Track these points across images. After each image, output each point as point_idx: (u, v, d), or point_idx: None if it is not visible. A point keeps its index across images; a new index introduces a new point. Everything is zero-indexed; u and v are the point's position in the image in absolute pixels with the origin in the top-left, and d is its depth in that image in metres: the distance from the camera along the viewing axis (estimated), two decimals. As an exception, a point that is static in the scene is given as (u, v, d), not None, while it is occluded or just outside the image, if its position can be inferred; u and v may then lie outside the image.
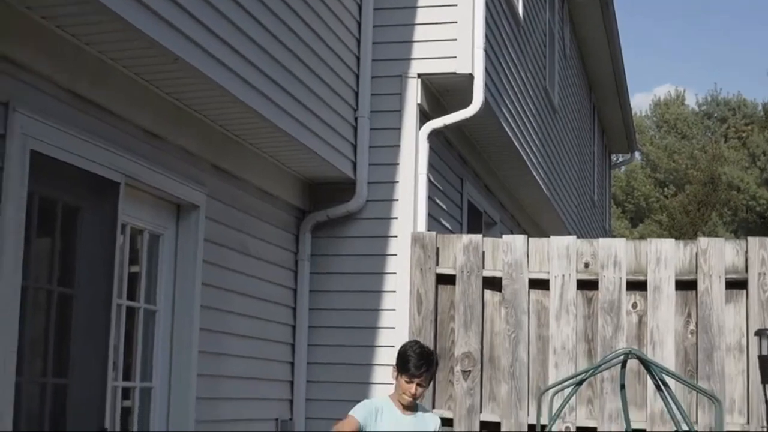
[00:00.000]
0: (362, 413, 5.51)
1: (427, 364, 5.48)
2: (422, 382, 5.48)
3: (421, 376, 5.46)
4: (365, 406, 5.60)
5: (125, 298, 5.95)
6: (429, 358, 5.51)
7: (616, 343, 6.69)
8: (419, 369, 5.45)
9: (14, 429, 4.68)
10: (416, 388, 5.47)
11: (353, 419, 5.48)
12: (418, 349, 5.54)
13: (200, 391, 6.44)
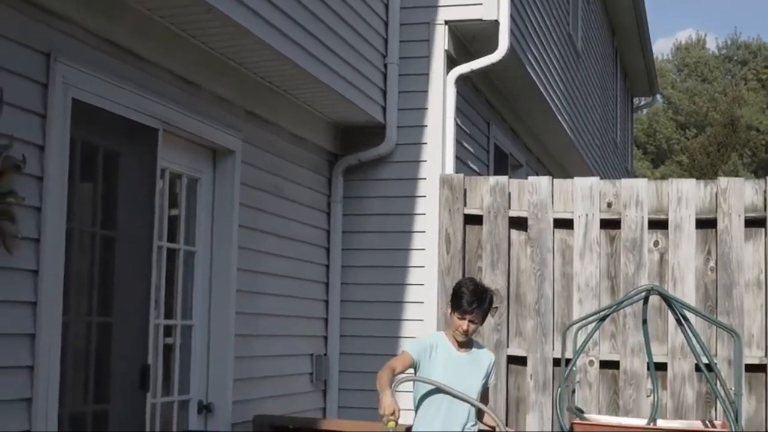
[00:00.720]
0: (416, 349, 5.49)
1: (479, 301, 5.40)
2: (474, 319, 5.42)
3: (473, 312, 5.39)
4: (419, 342, 5.58)
5: (165, 240, 5.98)
6: (482, 295, 5.43)
7: (638, 280, 6.67)
8: (471, 305, 5.37)
9: (62, 366, 4.73)
10: (468, 324, 5.41)
11: (407, 355, 5.47)
12: (472, 286, 5.47)
13: (238, 328, 6.48)
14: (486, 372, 5.57)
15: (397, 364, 5.42)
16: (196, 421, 6.23)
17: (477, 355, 5.59)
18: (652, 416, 5.77)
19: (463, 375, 5.46)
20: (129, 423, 5.49)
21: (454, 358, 5.49)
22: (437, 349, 5.48)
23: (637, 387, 6.64)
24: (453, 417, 5.41)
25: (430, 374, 5.43)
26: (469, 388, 5.44)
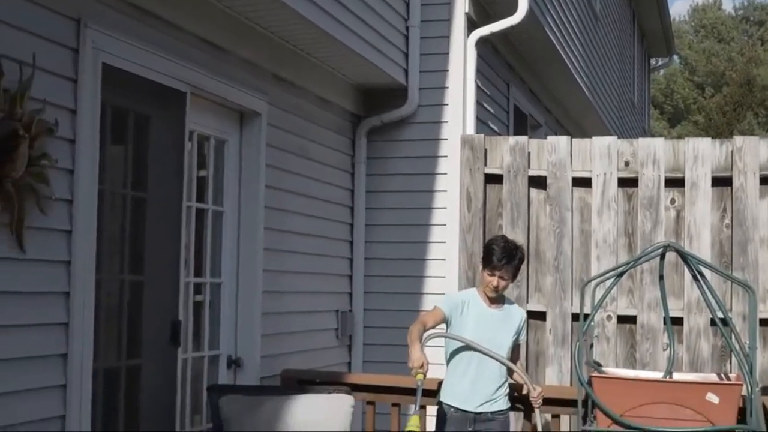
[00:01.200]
0: (448, 306, 5.50)
1: (509, 258, 5.40)
2: (504, 275, 5.42)
3: (503, 268, 5.39)
4: (451, 298, 5.59)
5: (194, 201, 5.99)
6: (511, 252, 5.44)
7: (655, 236, 6.65)
8: (500, 262, 5.37)
9: (96, 322, 4.76)
10: (498, 280, 5.41)
11: (439, 311, 5.48)
12: (503, 243, 5.48)
13: (266, 285, 6.50)
14: (517, 328, 5.58)
15: (428, 319, 5.43)
16: (225, 375, 6.27)
17: (508, 311, 5.59)
18: (668, 369, 5.77)
19: (494, 331, 5.47)
20: (161, 377, 5.53)
21: (486, 315, 5.49)
22: (469, 306, 5.49)
23: (654, 341, 6.64)
24: (484, 372, 5.42)
25: (462, 330, 5.44)
26: (500, 345, 5.45)
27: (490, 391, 5.43)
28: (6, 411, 4.19)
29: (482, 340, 5.40)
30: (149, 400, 5.41)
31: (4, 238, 4.15)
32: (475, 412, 5.40)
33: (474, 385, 5.42)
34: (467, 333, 5.43)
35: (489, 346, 5.41)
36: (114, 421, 5.13)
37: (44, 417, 4.43)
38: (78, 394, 4.59)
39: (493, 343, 5.43)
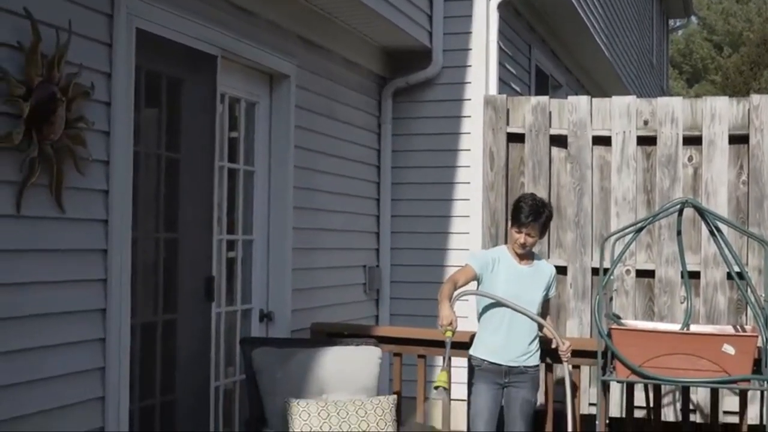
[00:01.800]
0: (478, 263, 5.46)
1: (536, 215, 5.36)
2: (531, 233, 5.39)
3: (530, 226, 5.36)
4: (482, 256, 5.56)
5: (226, 161, 5.99)
6: (539, 209, 5.40)
7: (673, 193, 6.62)
8: (528, 219, 5.34)
9: (132, 279, 4.78)
10: (525, 237, 5.39)
11: (469, 269, 5.45)
12: (531, 201, 5.44)
13: (296, 241, 6.51)
14: (547, 284, 5.56)
15: (459, 276, 5.41)
16: (258, 328, 6.30)
17: (538, 267, 5.56)
18: (685, 322, 5.75)
19: (524, 287, 5.45)
20: (196, 331, 5.57)
21: (516, 271, 5.47)
22: (499, 263, 5.46)
23: (672, 294, 6.62)
24: (516, 327, 5.41)
25: (493, 287, 5.41)
26: (530, 300, 5.44)
27: (523, 345, 5.43)
28: (50, 363, 4.23)
29: (513, 297, 5.38)
30: (185, 352, 5.45)
31: (44, 199, 4.16)
32: (508, 366, 5.40)
33: (507, 340, 5.41)
34: (498, 289, 5.41)
35: (519, 302, 5.38)
36: (151, 373, 5.17)
37: (85, 369, 4.47)
38: (116, 348, 4.62)
39: (523, 299, 5.41)
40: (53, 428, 4.25)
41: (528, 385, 5.45)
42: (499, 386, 5.41)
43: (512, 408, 5.43)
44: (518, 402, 5.42)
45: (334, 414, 5.29)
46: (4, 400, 3.99)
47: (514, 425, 5.43)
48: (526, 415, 5.45)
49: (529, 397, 5.46)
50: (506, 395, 5.43)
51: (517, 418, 5.42)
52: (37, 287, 4.16)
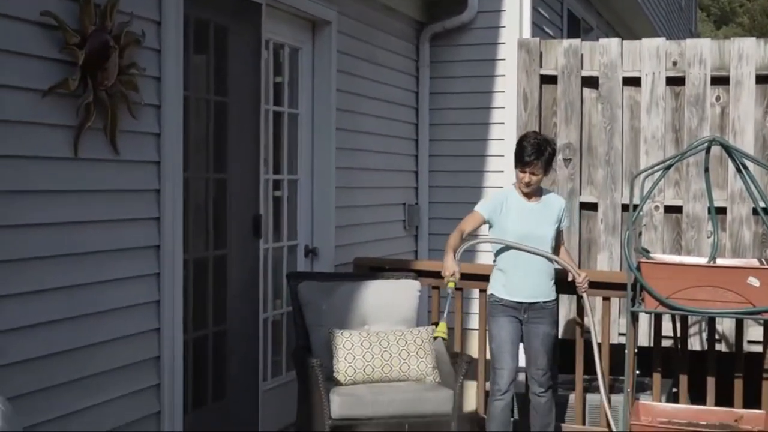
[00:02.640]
0: (487, 208, 5.36)
1: (537, 154, 5.21)
2: (535, 171, 5.25)
3: (533, 164, 5.22)
4: (490, 200, 5.46)
5: (272, 104, 5.98)
6: (540, 147, 5.24)
7: (701, 132, 6.55)
8: (531, 157, 5.20)
9: (184, 217, 4.80)
10: (529, 176, 5.25)
11: (477, 215, 5.35)
12: (533, 139, 5.29)
13: (338, 181, 6.51)
14: (558, 216, 5.45)
15: (466, 225, 5.31)
16: (303, 263, 6.33)
17: (547, 202, 5.44)
18: (711, 255, 5.70)
19: (535, 224, 5.34)
20: (245, 266, 5.60)
21: (526, 209, 5.36)
22: (508, 203, 5.35)
23: (699, 229, 6.57)
24: (532, 265, 5.33)
25: (505, 227, 5.32)
26: (542, 236, 5.34)
27: (540, 282, 5.35)
28: (109, 297, 4.28)
29: (524, 234, 5.28)
30: (235, 286, 5.49)
31: (100, 142, 4.18)
32: (526, 302, 5.33)
33: (524, 278, 5.32)
34: (509, 229, 5.30)
35: (531, 239, 5.28)
36: (203, 306, 5.22)
37: (142, 302, 4.52)
38: (171, 282, 4.66)
39: (534, 235, 5.31)
40: (113, 358, 4.31)
41: (547, 320, 5.38)
42: (518, 321, 5.33)
43: (533, 343, 5.36)
44: (539, 337, 5.35)
45: (376, 344, 5.31)
46: (68, 331, 4.04)
47: (537, 360, 5.37)
48: (548, 348, 5.39)
49: (549, 330, 5.40)
50: (526, 332, 5.36)
51: (540, 352, 5.36)
52: (95, 226, 4.19)
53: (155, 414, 4.61)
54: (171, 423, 4.67)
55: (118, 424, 4.34)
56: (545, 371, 5.38)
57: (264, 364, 5.82)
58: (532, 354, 5.39)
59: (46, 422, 3.92)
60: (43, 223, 3.89)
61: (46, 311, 3.92)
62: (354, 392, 5.12)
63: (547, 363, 5.39)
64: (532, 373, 5.41)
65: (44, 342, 3.91)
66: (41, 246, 3.89)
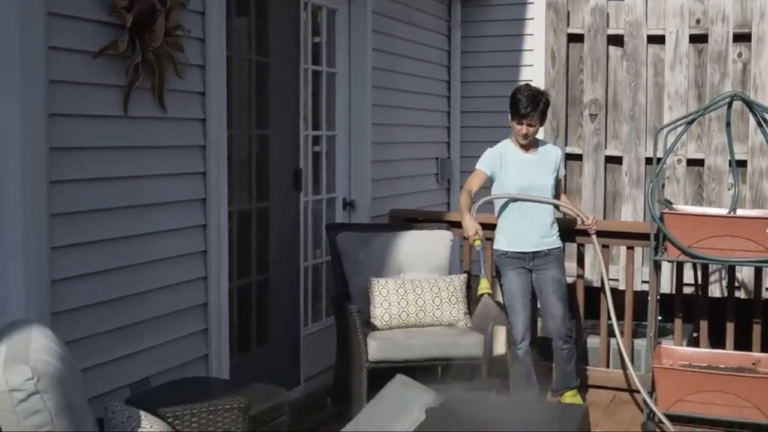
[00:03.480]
0: (488, 164, 5.27)
1: (533, 105, 5.09)
2: (531, 122, 5.13)
3: (529, 116, 5.10)
4: (488, 157, 5.33)
5: (310, 64, 5.95)
6: (535, 99, 5.11)
7: (723, 87, 6.48)
8: (527, 109, 5.08)
9: (229, 171, 4.80)
10: (527, 128, 5.14)
11: (480, 172, 5.27)
12: (527, 91, 5.15)
13: (374, 136, 6.49)
14: (555, 166, 5.35)
15: (472, 184, 5.24)
16: (341, 215, 6.33)
17: (544, 153, 5.33)
18: (732, 206, 5.65)
19: (533, 175, 5.25)
20: (286, 218, 5.61)
21: (524, 161, 5.25)
22: (506, 157, 5.25)
23: (720, 181, 6.52)
24: (534, 215, 5.26)
25: (505, 181, 5.24)
26: (542, 186, 5.25)
27: (542, 230, 5.27)
28: (159, 247, 4.31)
29: (524, 186, 5.22)
30: (277, 237, 5.51)
31: (148, 101, 4.18)
32: (532, 252, 5.26)
33: (527, 228, 5.25)
34: (509, 182, 5.23)
35: (531, 190, 5.22)
36: (247, 255, 5.25)
37: (189, 252, 4.54)
38: (216, 233, 4.68)
39: (534, 186, 5.24)
40: (164, 305, 4.35)
41: (554, 265, 5.29)
42: (527, 270, 5.27)
43: (545, 290, 5.28)
44: (549, 282, 5.26)
45: (411, 291, 5.32)
46: (122, 279, 4.08)
47: (551, 309, 5.29)
48: (560, 294, 5.29)
49: (558, 276, 5.30)
50: (536, 280, 5.29)
51: (552, 299, 5.27)
52: (146, 180, 4.21)
53: (203, 357, 4.66)
54: (218, 366, 4.72)
55: (169, 366, 4.39)
56: (562, 321, 5.29)
57: (305, 310, 5.86)
58: (546, 303, 5.30)
59: (102, 365, 3.97)
60: (95, 178, 3.91)
61: (100, 260, 3.95)
62: (390, 336, 5.14)
63: (563, 312, 5.29)
64: (550, 325, 5.33)
65: (99, 289, 3.95)
66: (95, 199, 3.91)
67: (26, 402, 2.36)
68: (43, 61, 3.57)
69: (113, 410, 2.85)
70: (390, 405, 4.06)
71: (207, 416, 3.30)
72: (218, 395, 3.61)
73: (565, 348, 5.33)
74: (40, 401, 2.37)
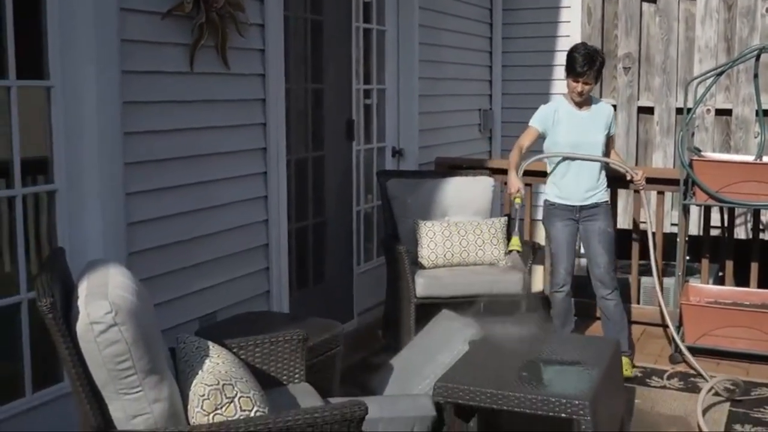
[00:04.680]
0: (540, 121, 5.02)
1: (590, 64, 4.79)
2: (587, 81, 4.84)
3: (585, 74, 4.81)
4: (542, 113, 5.06)
5: (362, 22, 5.89)
6: (592, 58, 4.82)
7: (751, 41, 6.31)
8: (583, 68, 4.79)
9: (287, 123, 4.80)
10: (582, 86, 4.85)
11: (532, 129, 5.01)
12: (584, 50, 4.85)
13: (421, 89, 6.43)
14: (606, 123, 5.03)
15: (524, 141, 5.00)
16: (391, 162, 6.31)
17: (596, 111, 5.03)
18: (758, 153, 5.53)
19: (585, 132, 4.98)
20: (340, 165, 5.61)
21: (577, 118, 4.98)
22: (559, 113, 4.98)
23: (746, 130, 6.38)
24: (583, 171, 5.01)
25: (556, 137, 4.99)
26: (593, 143, 4.98)
27: (591, 185, 5.01)
28: (223, 193, 4.33)
29: (575, 143, 4.97)
30: (331, 183, 5.51)
31: (213, 58, 4.17)
32: (579, 205, 5.02)
33: (576, 184, 5.00)
34: (560, 139, 4.98)
35: (582, 147, 4.97)
36: (304, 200, 5.26)
37: (251, 197, 4.56)
38: (276, 180, 4.69)
39: (585, 143, 4.97)
40: (228, 245, 4.38)
41: (601, 217, 5.03)
42: (574, 221, 5.04)
43: (592, 240, 5.03)
44: (596, 233, 5.01)
45: (455, 232, 5.31)
46: (190, 222, 4.11)
47: (597, 258, 5.02)
48: (606, 244, 5.03)
49: (605, 227, 5.03)
50: (583, 231, 5.05)
51: (598, 250, 5.01)
52: (210, 131, 4.22)
53: (265, 293, 4.70)
54: (279, 301, 4.76)
55: (234, 301, 4.44)
56: (608, 270, 5.02)
57: (357, 250, 5.88)
58: (592, 253, 5.04)
59: (173, 300, 4.03)
60: (165, 130, 3.93)
61: (170, 205, 3.98)
62: (436, 275, 5.14)
63: (608, 261, 5.02)
64: (595, 273, 5.04)
65: (170, 231, 3.99)
66: (164, 149, 3.93)
67: (106, 333, 2.40)
68: (116, 21, 3.58)
69: (184, 341, 2.88)
70: (436, 337, 4.07)
71: (269, 347, 3.32)
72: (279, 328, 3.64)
73: (610, 298, 5.03)
74: (118, 332, 2.41)
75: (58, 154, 3.53)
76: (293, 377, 3.36)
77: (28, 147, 3.45)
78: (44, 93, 3.51)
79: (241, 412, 2.63)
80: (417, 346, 4.10)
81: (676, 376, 5.02)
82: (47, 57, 3.48)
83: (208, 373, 2.68)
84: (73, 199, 3.56)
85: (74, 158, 3.55)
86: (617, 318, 5.03)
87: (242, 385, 2.69)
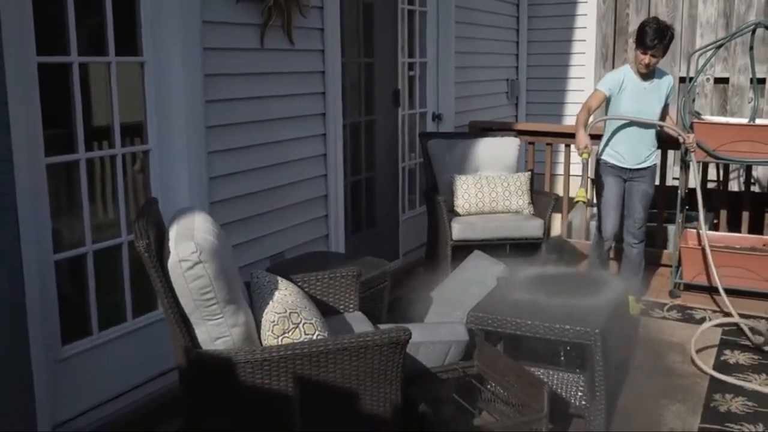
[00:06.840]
0: (607, 86, 4.72)
1: (660, 38, 4.48)
2: (655, 53, 4.54)
3: (654, 47, 4.51)
4: (610, 79, 4.76)
5: (406, 3, 5.79)
6: (663, 32, 4.49)
7: (748, 17, 6.11)
8: (653, 41, 4.48)
9: (343, 91, 4.75)
10: (649, 58, 4.55)
11: (600, 93, 4.71)
12: (655, 24, 4.52)
13: (457, 62, 6.34)
14: (666, 94, 4.80)
15: (592, 102, 4.69)
16: (431, 125, 6.26)
17: (658, 83, 4.76)
18: (751, 116, 5.38)
19: (646, 102, 4.73)
20: (388, 128, 5.57)
21: (640, 88, 4.71)
22: (624, 82, 4.71)
23: (742, 96, 6.21)
24: (638, 137, 4.80)
25: (620, 103, 4.74)
26: (651, 112, 4.75)
27: (643, 150, 4.82)
28: (291, 151, 4.34)
29: (638, 111, 4.73)
30: (380, 143, 5.49)
31: (280, 36, 4.15)
32: (631, 168, 4.85)
33: (630, 148, 4.80)
34: (623, 105, 4.74)
35: (643, 115, 4.74)
36: (357, 158, 5.25)
37: (313, 155, 4.56)
38: (333, 140, 4.68)
39: (645, 112, 4.74)
40: (294, 196, 4.40)
41: (647, 179, 4.88)
42: (623, 180, 4.88)
43: (634, 198, 4.90)
44: (639, 194, 4.88)
45: (486, 185, 5.27)
46: (262, 177, 4.13)
47: (634, 214, 4.91)
48: (645, 204, 4.91)
49: (647, 189, 4.89)
50: (628, 188, 4.90)
51: (637, 207, 4.90)
52: (277, 99, 4.21)
53: (324, 236, 4.72)
54: (336, 243, 4.78)
55: (298, 243, 4.47)
56: (640, 225, 4.92)
57: (402, 200, 5.86)
58: (631, 208, 4.92)
59: (248, 242, 4.07)
60: (240, 98, 3.93)
61: (244, 162, 4.00)
62: (469, 221, 5.12)
63: (642, 217, 4.91)
64: (629, 225, 4.94)
65: (245, 184, 4.01)
66: (239, 114, 3.94)
67: (192, 270, 2.43)
68: (198, 5, 3.56)
69: (257, 276, 2.91)
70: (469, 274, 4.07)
71: (328, 281, 3.35)
72: (336, 265, 3.66)
73: (636, 248, 4.95)
74: (202, 269, 2.43)
75: (150, 119, 3.56)
76: (348, 307, 3.39)
77: (125, 114, 3.48)
78: (138, 68, 3.52)
79: (305, 335, 2.66)
80: (452, 281, 4.10)
81: (674, 309, 4.97)
82: (140, 37, 3.49)
83: (277, 303, 2.71)
84: (163, 156, 3.60)
85: (164, 123, 3.57)
86: (636, 262, 4.99)
87: (306, 313, 2.72)
